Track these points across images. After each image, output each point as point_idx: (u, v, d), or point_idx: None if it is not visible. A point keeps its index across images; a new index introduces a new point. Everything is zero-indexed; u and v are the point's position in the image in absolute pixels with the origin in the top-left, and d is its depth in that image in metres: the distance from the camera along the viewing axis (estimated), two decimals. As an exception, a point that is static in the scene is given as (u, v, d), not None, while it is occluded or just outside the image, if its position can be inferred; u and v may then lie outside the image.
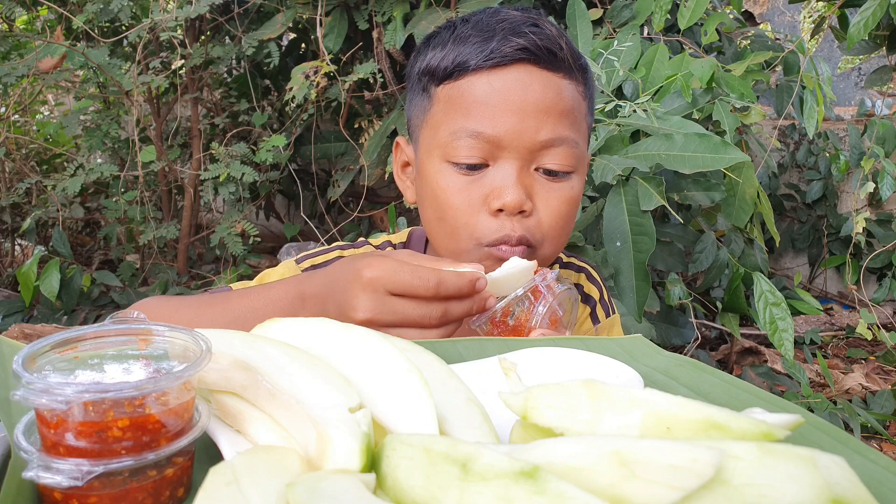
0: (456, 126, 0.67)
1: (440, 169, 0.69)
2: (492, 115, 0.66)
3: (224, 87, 2.64)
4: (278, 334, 0.40)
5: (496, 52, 0.66)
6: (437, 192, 0.69)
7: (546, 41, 0.67)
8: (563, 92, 0.68)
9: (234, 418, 0.36)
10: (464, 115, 0.67)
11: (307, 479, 0.27)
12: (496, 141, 0.66)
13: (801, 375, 1.81)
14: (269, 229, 3.04)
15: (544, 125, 0.66)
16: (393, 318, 0.54)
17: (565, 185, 0.69)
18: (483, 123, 0.66)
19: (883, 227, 2.57)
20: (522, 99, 0.66)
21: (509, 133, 0.66)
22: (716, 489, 0.25)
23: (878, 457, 0.35)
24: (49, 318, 2.12)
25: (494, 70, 0.67)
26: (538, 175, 0.69)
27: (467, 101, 0.67)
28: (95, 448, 0.29)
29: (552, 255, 0.72)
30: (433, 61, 0.70)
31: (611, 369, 0.46)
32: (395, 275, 0.53)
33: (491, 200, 0.66)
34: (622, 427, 0.31)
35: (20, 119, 2.83)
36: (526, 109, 0.66)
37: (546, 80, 0.67)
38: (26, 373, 0.30)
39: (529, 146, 0.66)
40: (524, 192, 0.66)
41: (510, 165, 0.67)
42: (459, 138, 0.67)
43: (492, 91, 0.66)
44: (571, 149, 0.68)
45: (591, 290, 0.86)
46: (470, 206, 0.67)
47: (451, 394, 0.36)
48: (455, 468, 0.27)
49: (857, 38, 1.69)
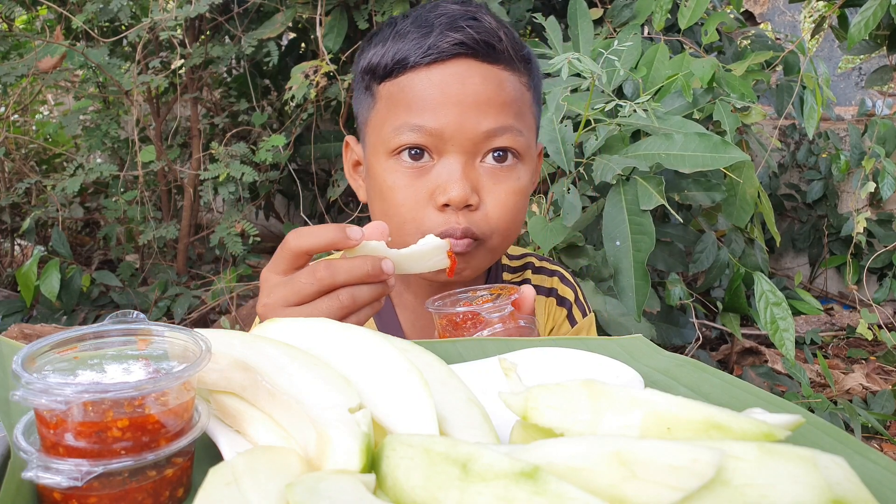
0: (398, 122, 0.68)
1: (386, 166, 0.69)
2: (433, 108, 0.66)
3: (224, 87, 2.64)
4: (278, 334, 0.40)
5: (434, 48, 0.67)
6: (383, 189, 0.70)
7: (484, 34, 0.67)
8: (504, 84, 0.68)
9: (234, 418, 0.36)
10: (405, 110, 0.68)
11: (307, 480, 0.27)
12: (438, 134, 0.66)
13: (802, 375, 1.81)
14: (269, 229, 3.04)
15: (486, 116, 0.67)
16: (282, 294, 0.53)
17: (511, 175, 0.69)
18: (424, 118, 0.66)
19: (883, 227, 2.57)
20: (462, 92, 0.66)
21: (451, 126, 0.66)
22: (716, 489, 0.25)
23: (879, 457, 0.35)
24: (49, 318, 2.12)
25: (433, 66, 0.67)
26: (484, 167, 0.69)
27: (408, 98, 0.68)
28: (95, 448, 0.29)
29: (501, 246, 0.72)
30: (374, 59, 0.71)
31: (611, 369, 0.46)
32: (273, 257, 0.55)
33: (437, 195, 0.67)
34: (622, 427, 0.31)
35: (20, 119, 2.83)
36: (466, 102, 0.66)
37: (486, 73, 0.68)
38: (26, 373, 0.30)
39: (472, 137, 0.67)
40: (469, 186, 0.66)
41: (455, 159, 0.67)
42: (402, 134, 0.67)
43: (431, 86, 0.67)
44: (515, 139, 0.68)
45: (565, 293, 0.86)
46: (416, 201, 0.68)
47: (451, 394, 0.36)
48: (455, 468, 0.27)
49: (858, 38, 1.69)
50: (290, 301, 0.53)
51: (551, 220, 1.23)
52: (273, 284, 0.55)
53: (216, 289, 2.23)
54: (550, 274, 0.87)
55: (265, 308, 0.55)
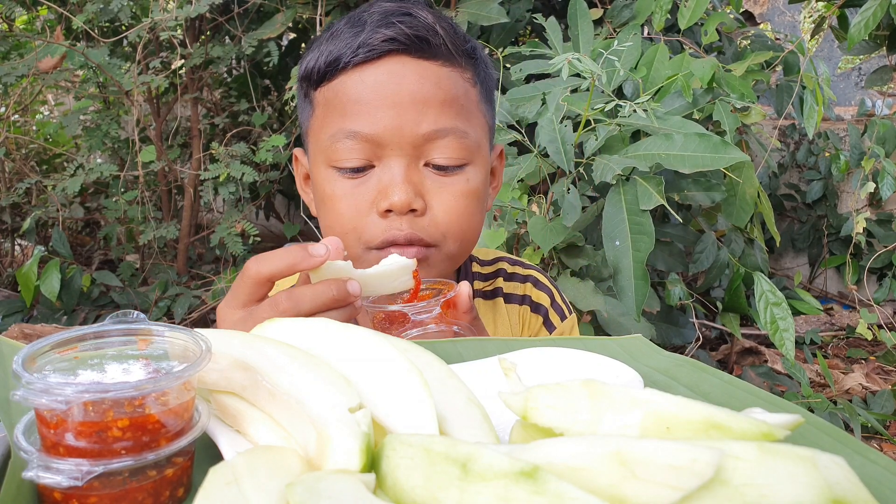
0: (334, 129, 0.65)
1: (326, 176, 0.66)
2: (367, 112, 0.63)
3: (224, 87, 2.64)
4: (278, 334, 0.40)
5: (364, 45, 0.63)
6: (325, 199, 0.66)
7: (417, 29, 0.64)
8: (443, 81, 0.65)
9: (234, 418, 0.36)
10: (340, 116, 0.64)
11: (307, 479, 0.27)
12: (376, 140, 0.63)
13: (802, 375, 1.81)
14: (269, 229, 3.04)
15: (424, 117, 0.63)
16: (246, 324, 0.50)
17: (459, 178, 0.65)
18: (359, 122, 0.63)
19: (883, 227, 2.57)
20: (397, 92, 0.63)
21: (388, 129, 0.62)
22: (716, 489, 0.25)
23: (879, 457, 0.35)
24: (49, 318, 2.12)
25: (366, 65, 0.64)
26: (428, 171, 0.65)
27: (342, 101, 0.65)
28: (95, 448, 0.29)
29: (459, 252, 0.68)
30: (309, 64, 0.68)
31: (611, 369, 0.46)
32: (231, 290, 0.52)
33: (379, 202, 0.63)
34: (622, 427, 0.31)
35: (20, 119, 2.83)
36: (402, 103, 0.63)
37: (421, 70, 0.64)
38: (26, 373, 0.30)
39: (412, 140, 0.63)
40: (413, 190, 0.63)
41: (396, 163, 0.63)
42: (338, 141, 0.64)
43: (364, 87, 0.63)
44: (459, 139, 0.65)
45: (540, 298, 0.82)
46: (358, 210, 0.64)
47: (451, 394, 0.36)
48: (455, 468, 0.27)
49: (858, 38, 1.69)
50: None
51: (551, 220, 1.23)
52: (232, 322, 0.51)
53: (216, 289, 2.23)
54: (523, 280, 0.83)
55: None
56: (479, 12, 1.82)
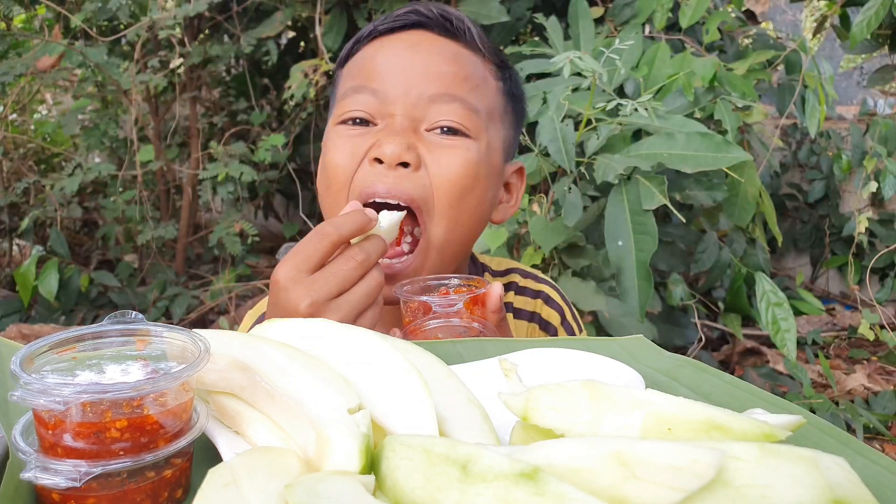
0: (347, 86, 0.67)
1: (332, 132, 0.68)
2: (380, 72, 0.65)
3: (223, 86, 2.64)
4: (277, 335, 0.40)
5: (390, 18, 0.67)
6: (325, 156, 0.67)
7: (443, 12, 0.67)
8: (461, 58, 0.66)
9: (233, 419, 0.35)
10: (355, 77, 0.68)
11: (306, 481, 0.27)
12: (382, 96, 0.64)
13: (803, 376, 1.81)
14: (268, 229, 3.04)
15: (433, 82, 0.64)
16: (329, 288, 0.53)
17: (459, 143, 0.64)
18: (370, 80, 0.65)
19: (885, 227, 2.57)
20: (411, 58, 0.65)
21: (394, 87, 0.64)
22: (717, 490, 0.25)
23: (880, 458, 0.35)
24: (47, 318, 2.12)
25: (387, 35, 0.67)
26: (430, 135, 0.65)
27: (359, 66, 0.68)
28: (93, 449, 0.29)
29: (449, 240, 0.65)
30: (343, 53, 0.72)
31: (612, 370, 0.45)
32: (298, 254, 0.54)
33: (371, 151, 0.63)
34: (623, 428, 0.30)
35: (18, 118, 2.83)
36: (414, 68, 0.65)
37: (441, 45, 0.66)
38: (24, 373, 0.30)
39: (416, 101, 0.64)
40: (406, 145, 0.62)
41: (397, 121, 0.64)
42: (348, 96, 0.66)
43: (381, 52, 0.67)
44: (467, 111, 0.64)
45: (550, 316, 0.81)
46: (352, 157, 0.64)
47: (451, 395, 0.36)
48: (455, 469, 0.27)
49: (860, 37, 1.69)
50: (335, 292, 0.53)
51: (552, 219, 1.23)
52: (308, 281, 0.53)
53: (215, 289, 2.23)
54: (534, 295, 0.81)
55: (314, 308, 0.53)
56: (479, 11, 1.82)
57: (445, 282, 0.62)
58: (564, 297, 0.84)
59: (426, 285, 0.61)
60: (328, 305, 0.53)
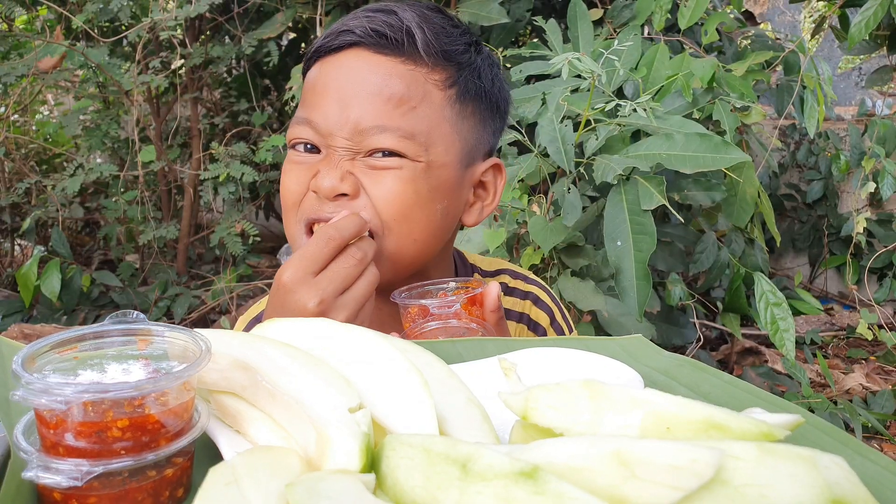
0: (297, 114, 0.69)
1: (288, 154, 0.71)
2: (318, 102, 0.66)
3: (224, 87, 2.64)
4: (278, 334, 0.40)
5: (329, 37, 0.67)
6: (281, 176, 0.70)
7: (378, 25, 0.65)
8: (393, 79, 0.65)
9: (234, 418, 0.36)
10: (302, 103, 0.69)
11: (307, 480, 0.27)
12: (321, 129, 0.66)
13: (802, 375, 1.81)
14: (269, 229, 3.04)
15: (366, 112, 0.64)
16: (334, 286, 0.57)
17: (395, 165, 0.65)
18: (311, 111, 0.66)
19: (883, 227, 2.57)
20: (344, 85, 0.65)
21: (330, 120, 0.65)
22: (716, 489, 0.25)
23: (879, 457, 0.35)
24: (49, 318, 2.12)
25: (329, 56, 0.67)
26: (369, 160, 0.66)
27: (306, 90, 0.69)
28: (95, 448, 0.29)
29: (402, 251, 0.66)
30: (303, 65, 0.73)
31: (611, 369, 0.46)
32: (305, 258, 0.58)
33: (312, 181, 0.66)
34: (622, 427, 0.31)
35: (20, 119, 2.83)
36: (347, 95, 0.65)
37: (376, 64, 0.65)
38: (26, 373, 0.30)
39: (350, 133, 0.65)
40: (339, 175, 0.64)
41: (334, 152, 0.66)
42: (296, 125, 0.68)
43: (320, 77, 0.67)
44: (400, 138, 0.65)
45: (539, 317, 0.81)
46: (298, 184, 0.67)
47: (451, 394, 0.36)
48: (455, 468, 0.27)
49: (859, 38, 1.69)
50: (340, 289, 0.57)
51: (551, 219, 1.23)
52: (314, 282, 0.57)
53: (216, 289, 2.23)
54: (524, 296, 0.82)
55: (323, 305, 0.56)
56: (479, 12, 1.82)
57: (443, 285, 0.63)
58: (555, 298, 0.84)
59: (424, 290, 0.63)
60: (335, 303, 0.57)
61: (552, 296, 0.84)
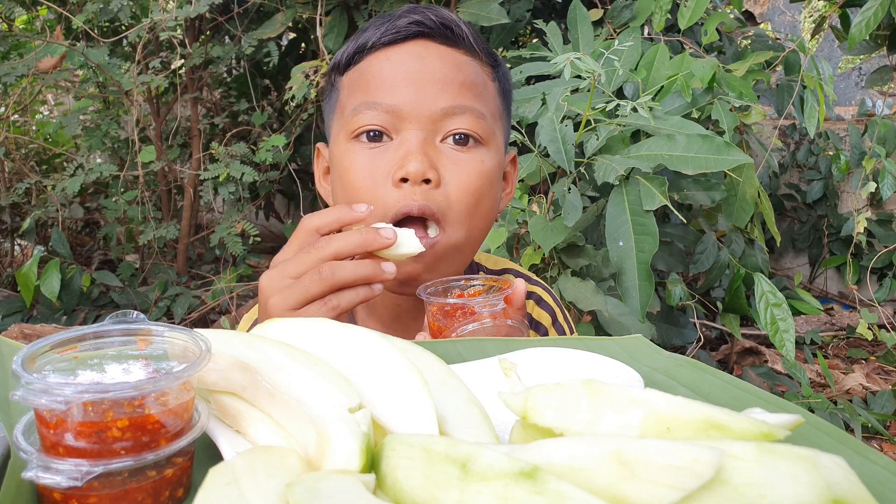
0: (357, 102, 0.68)
1: (346, 149, 0.68)
2: (389, 86, 0.66)
3: (224, 87, 2.64)
4: (278, 334, 0.40)
5: (392, 29, 0.68)
6: (343, 174, 0.68)
7: (442, 19, 0.68)
8: (464, 66, 0.68)
9: (234, 418, 0.36)
10: (364, 91, 0.68)
11: (307, 480, 0.27)
12: (395, 111, 0.65)
13: (802, 375, 1.81)
14: (269, 229, 3.04)
15: (444, 94, 0.66)
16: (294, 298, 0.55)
17: (474, 156, 0.67)
18: (381, 95, 0.66)
19: (883, 227, 2.57)
20: (419, 70, 0.66)
21: (408, 103, 0.65)
22: (716, 489, 0.25)
23: (879, 457, 0.35)
24: (49, 318, 2.12)
25: (391, 46, 0.68)
26: (444, 146, 0.67)
27: (367, 79, 0.68)
28: (95, 448, 0.29)
29: (464, 243, 0.68)
30: (338, 57, 0.72)
31: (611, 369, 0.46)
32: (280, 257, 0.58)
33: (394, 171, 0.65)
34: (622, 427, 0.31)
35: (20, 119, 2.83)
36: (423, 80, 0.66)
37: (444, 54, 0.68)
38: (26, 373, 0.30)
39: (430, 115, 0.65)
40: (427, 161, 0.64)
41: (413, 136, 0.65)
42: (360, 112, 0.67)
43: (388, 65, 0.67)
44: (476, 119, 0.67)
45: (541, 317, 0.82)
46: (374, 181, 0.66)
47: (451, 394, 0.36)
48: (455, 468, 0.27)
49: (859, 38, 1.69)
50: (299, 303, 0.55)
51: (552, 219, 1.23)
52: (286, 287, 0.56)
53: (216, 289, 2.23)
54: (527, 296, 0.81)
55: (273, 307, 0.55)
56: (479, 12, 1.82)
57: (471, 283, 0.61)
58: (557, 299, 0.85)
59: (448, 287, 0.61)
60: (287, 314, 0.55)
61: (554, 297, 0.85)
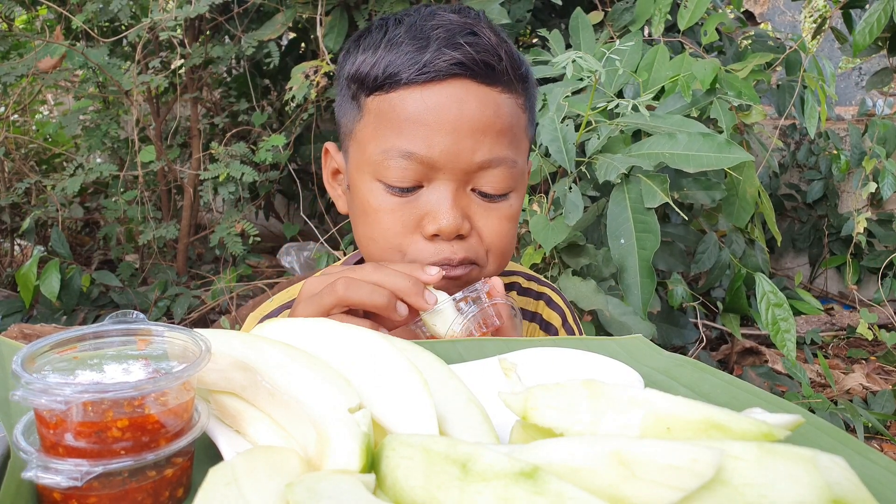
0: (387, 144, 0.63)
1: (371, 188, 0.65)
2: (425, 134, 0.62)
3: (224, 87, 2.64)
4: (278, 334, 0.40)
5: (430, 67, 0.62)
6: (367, 211, 0.66)
7: (484, 54, 0.63)
8: (502, 108, 0.64)
9: (234, 418, 0.36)
10: (396, 132, 0.63)
11: (307, 480, 0.27)
12: (430, 162, 0.62)
13: (802, 375, 1.81)
14: (269, 229, 3.04)
15: (481, 145, 0.63)
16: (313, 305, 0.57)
17: (503, 204, 0.67)
18: (416, 144, 0.62)
19: (884, 227, 2.57)
20: (458, 118, 0.62)
21: (444, 154, 0.62)
22: (716, 489, 0.25)
23: (879, 457, 0.35)
24: (48, 318, 2.12)
25: (428, 85, 0.62)
26: (475, 196, 0.66)
27: (399, 118, 0.63)
28: (94, 448, 0.29)
29: (496, 270, 0.70)
30: (363, 67, 0.66)
31: (611, 369, 0.46)
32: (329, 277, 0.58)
33: (425, 224, 0.63)
34: (622, 427, 0.31)
35: (20, 119, 2.83)
36: (461, 129, 0.62)
37: (483, 97, 0.63)
38: (25, 373, 0.30)
39: (465, 167, 0.63)
40: (461, 215, 0.63)
41: (445, 187, 0.63)
42: (391, 158, 0.63)
43: (425, 108, 0.62)
44: (509, 169, 0.65)
45: (551, 318, 0.82)
46: (403, 227, 0.64)
47: (451, 394, 0.36)
48: (455, 468, 0.27)
49: (864, 44, 1.69)
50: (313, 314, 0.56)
51: (553, 219, 1.23)
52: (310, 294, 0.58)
53: (216, 289, 2.23)
54: (537, 297, 0.83)
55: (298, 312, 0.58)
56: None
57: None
58: (566, 301, 0.85)
59: None
60: None
61: (564, 298, 0.85)
